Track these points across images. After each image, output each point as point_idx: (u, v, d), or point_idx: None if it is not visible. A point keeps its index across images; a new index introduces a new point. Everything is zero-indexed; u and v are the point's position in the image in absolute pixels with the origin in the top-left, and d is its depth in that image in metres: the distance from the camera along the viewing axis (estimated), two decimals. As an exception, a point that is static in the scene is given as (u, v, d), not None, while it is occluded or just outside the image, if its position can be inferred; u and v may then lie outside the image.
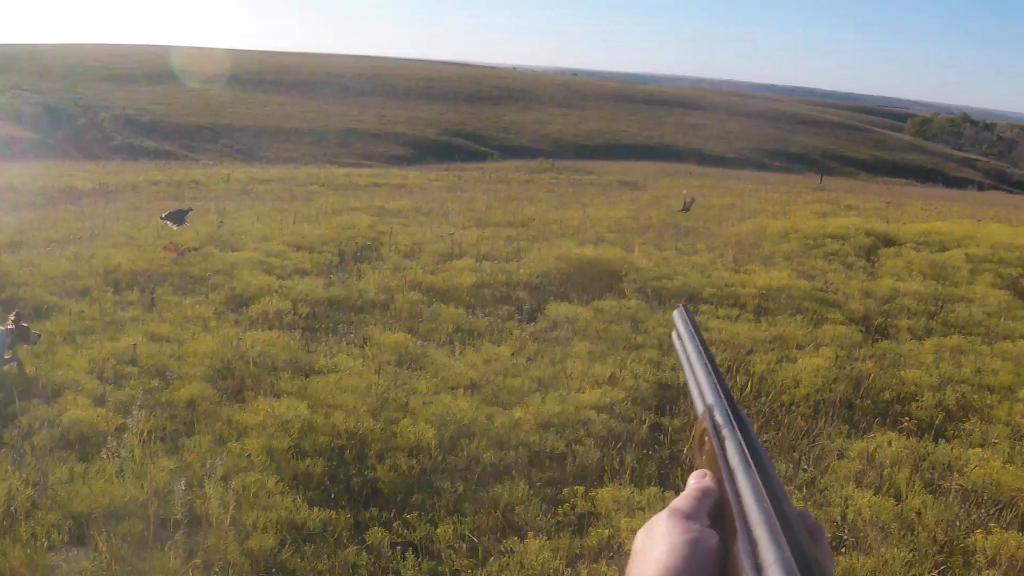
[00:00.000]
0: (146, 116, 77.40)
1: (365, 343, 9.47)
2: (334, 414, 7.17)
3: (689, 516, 0.82)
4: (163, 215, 17.51)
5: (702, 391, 0.97)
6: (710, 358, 1.01)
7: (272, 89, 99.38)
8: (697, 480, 0.88)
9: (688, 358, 1.05)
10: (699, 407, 0.96)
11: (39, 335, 8.48)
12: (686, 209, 23.57)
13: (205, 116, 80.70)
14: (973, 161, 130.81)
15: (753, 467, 0.79)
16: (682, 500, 0.85)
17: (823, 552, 0.77)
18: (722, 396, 0.93)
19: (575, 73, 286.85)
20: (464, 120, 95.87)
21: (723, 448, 0.85)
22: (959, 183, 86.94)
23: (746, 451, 0.82)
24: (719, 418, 0.90)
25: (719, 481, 0.84)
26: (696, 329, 1.09)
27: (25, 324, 8.22)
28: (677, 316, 1.14)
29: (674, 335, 1.13)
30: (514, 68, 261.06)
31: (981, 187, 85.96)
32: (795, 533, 0.68)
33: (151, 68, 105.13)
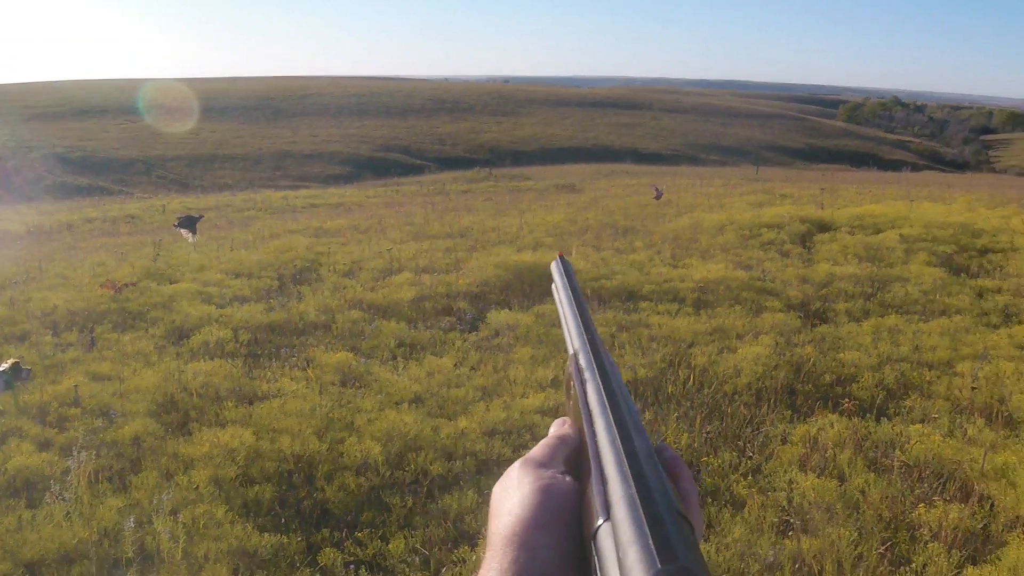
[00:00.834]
0: (77, 153, 76.24)
1: (308, 365, 9.45)
2: (280, 439, 7.15)
3: (541, 464, 0.81)
4: (175, 224, 18.12)
5: (572, 338, 0.98)
6: (580, 305, 1.02)
7: (201, 116, 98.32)
8: (556, 428, 0.89)
9: (563, 307, 1.06)
10: (570, 353, 0.97)
11: (30, 370, 8.52)
12: (658, 197, 26.14)
13: (136, 149, 79.66)
14: (906, 143, 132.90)
15: (608, 407, 0.79)
16: (536, 449, 0.85)
17: (684, 483, 0.78)
18: (587, 341, 0.93)
19: (507, 80, 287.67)
20: (398, 134, 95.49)
21: (585, 392, 0.85)
22: (894, 165, 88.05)
23: (603, 392, 0.82)
24: (583, 362, 0.90)
25: (581, 428, 0.83)
26: (571, 279, 1.10)
27: (19, 362, 8.30)
28: (554, 267, 1.15)
29: (553, 287, 1.14)
30: (446, 79, 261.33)
31: (915, 168, 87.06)
32: (643, 469, 0.68)
33: (77, 103, 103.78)
